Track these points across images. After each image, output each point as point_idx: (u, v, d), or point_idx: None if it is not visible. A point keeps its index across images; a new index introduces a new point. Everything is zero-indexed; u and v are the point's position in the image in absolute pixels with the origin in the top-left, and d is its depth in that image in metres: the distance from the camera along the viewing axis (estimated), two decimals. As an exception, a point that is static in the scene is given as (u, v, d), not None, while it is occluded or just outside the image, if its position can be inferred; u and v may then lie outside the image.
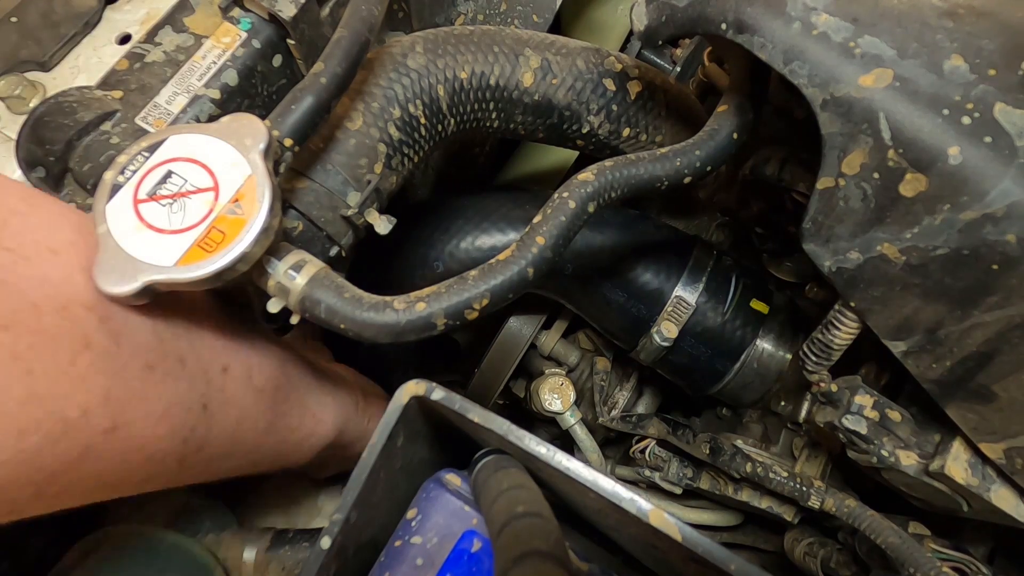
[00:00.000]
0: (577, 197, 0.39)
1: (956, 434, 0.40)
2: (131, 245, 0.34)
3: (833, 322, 0.41)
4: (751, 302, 0.59)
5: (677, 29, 0.38)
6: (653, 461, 0.62)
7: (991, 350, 0.35)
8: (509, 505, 0.34)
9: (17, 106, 0.46)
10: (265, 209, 0.36)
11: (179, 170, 0.36)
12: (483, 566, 0.38)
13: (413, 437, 0.39)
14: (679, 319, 0.57)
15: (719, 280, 0.58)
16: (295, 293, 0.37)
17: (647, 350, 0.58)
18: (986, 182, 0.32)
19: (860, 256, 0.37)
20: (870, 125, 0.34)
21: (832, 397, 0.44)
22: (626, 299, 0.58)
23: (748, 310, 0.59)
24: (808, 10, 0.34)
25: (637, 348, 0.60)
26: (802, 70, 0.34)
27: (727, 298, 0.58)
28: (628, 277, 0.58)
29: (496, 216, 0.57)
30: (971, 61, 0.32)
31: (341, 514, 0.36)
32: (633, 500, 0.34)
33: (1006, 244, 0.32)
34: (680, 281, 0.57)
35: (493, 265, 0.38)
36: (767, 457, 0.58)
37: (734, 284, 0.59)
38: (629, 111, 0.53)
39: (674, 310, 0.57)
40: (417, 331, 0.36)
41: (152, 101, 0.44)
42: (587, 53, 0.52)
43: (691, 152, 0.41)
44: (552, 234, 0.38)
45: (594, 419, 0.71)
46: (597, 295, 0.59)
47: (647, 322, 0.58)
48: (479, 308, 0.37)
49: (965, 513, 0.42)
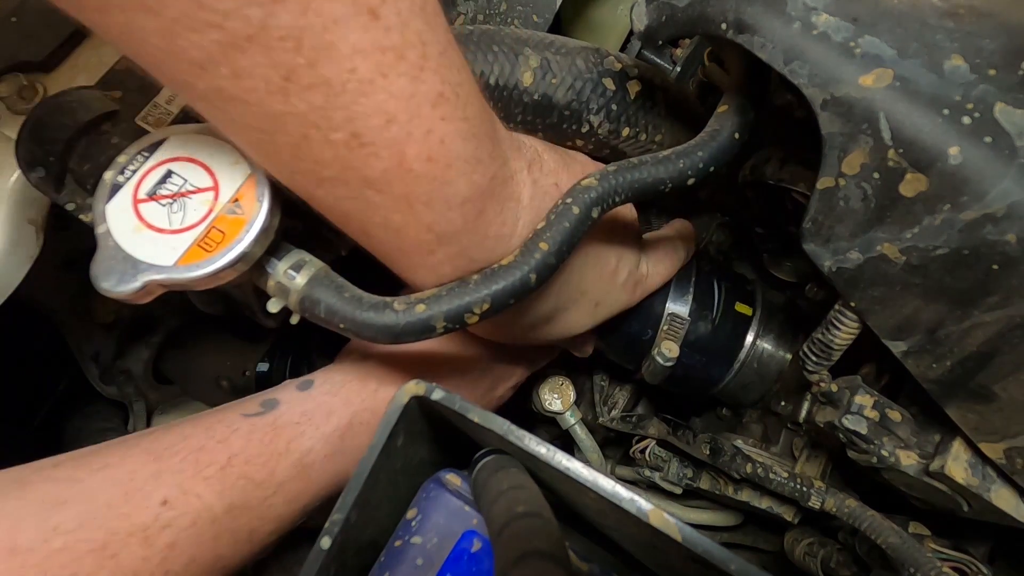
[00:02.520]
0: (581, 203, 0.39)
1: (956, 434, 0.40)
2: (131, 245, 0.34)
3: (833, 322, 0.41)
4: (735, 306, 0.59)
5: (677, 29, 0.38)
6: (653, 461, 0.62)
7: (991, 350, 0.35)
8: (509, 505, 0.34)
9: (17, 106, 0.46)
10: (265, 209, 0.36)
11: (179, 170, 0.36)
12: (483, 566, 0.38)
13: (413, 437, 0.39)
14: (677, 335, 0.56)
15: (703, 288, 0.59)
16: (295, 293, 0.37)
17: (651, 372, 0.58)
18: (986, 182, 0.32)
19: (860, 256, 0.37)
20: (870, 125, 0.34)
21: (832, 397, 0.44)
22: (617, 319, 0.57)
23: (734, 314, 0.59)
24: (808, 10, 0.34)
25: (642, 370, 0.59)
26: (802, 70, 0.34)
27: (713, 304, 0.58)
28: None
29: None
30: (971, 61, 0.32)
31: (341, 514, 0.35)
32: (633, 500, 0.34)
33: (1006, 244, 0.32)
34: (669, 296, 0.57)
35: (496, 270, 0.38)
36: (767, 457, 0.58)
37: (717, 290, 0.59)
38: (629, 111, 0.53)
39: (670, 328, 0.57)
40: (416, 333, 0.36)
41: (152, 101, 0.44)
42: (587, 53, 0.52)
43: (694, 153, 0.41)
44: (556, 240, 0.38)
45: (594, 419, 0.71)
46: None
47: (640, 338, 0.58)
48: (479, 313, 0.37)
49: (965, 513, 0.42)
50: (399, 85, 0.29)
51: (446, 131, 0.32)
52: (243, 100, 0.28)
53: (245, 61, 0.26)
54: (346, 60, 0.28)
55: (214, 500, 0.39)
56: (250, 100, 0.28)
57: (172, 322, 0.71)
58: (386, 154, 0.31)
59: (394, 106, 0.30)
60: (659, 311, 0.57)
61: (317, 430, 0.44)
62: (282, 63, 0.27)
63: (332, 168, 0.31)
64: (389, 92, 0.29)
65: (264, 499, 0.41)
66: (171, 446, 0.40)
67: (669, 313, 0.57)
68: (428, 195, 0.33)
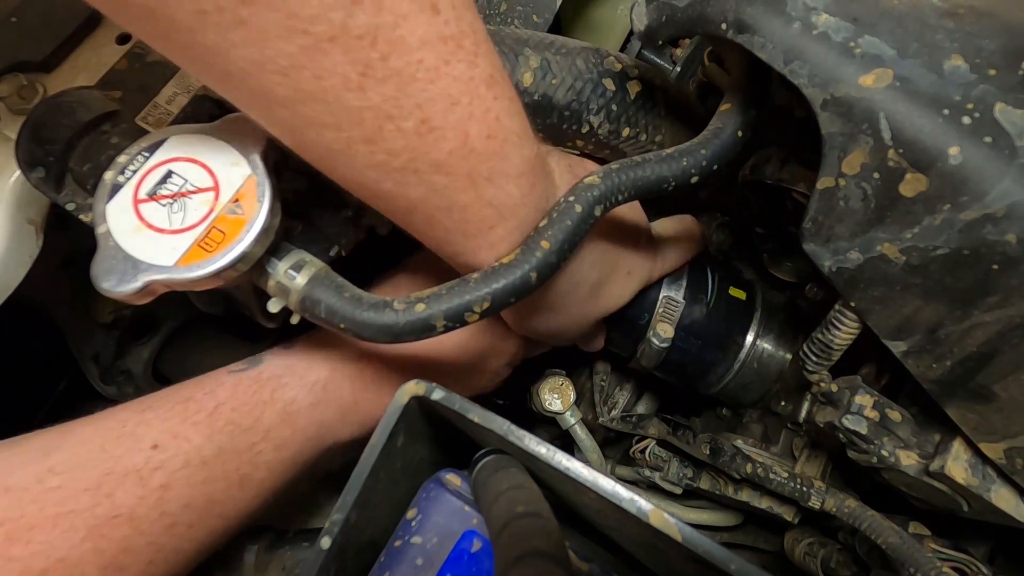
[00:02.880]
0: (583, 201, 0.39)
1: (956, 434, 0.40)
2: (131, 245, 0.34)
3: (833, 322, 0.41)
4: (729, 290, 0.61)
5: (677, 29, 0.38)
6: (653, 461, 0.62)
7: (991, 350, 0.35)
8: (509, 505, 0.34)
9: (17, 106, 0.46)
10: (265, 209, 0.36)
11: (179, 170, 0.36)
12: (483, 566, 0.38)
13: (413, 437, 0.39)
14: (672, 318, 0.58)
15: (697, 273, 0.60)
16: (295, 293, 0.37)
17: (647, 355, 0.59)
18: (986, 182, 0.32)
19: (860, 256, 0.37)
20: (870, 125, 0.34)
21: (832, 397, 0.44)
22: None
23: (728, 298, 0.61)
24: (808, 10, 0.34)
25: (637, 355, 0.60)
26: (802, 70, 0.34)
27: (707, 289, 0.60)
28: None
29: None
30: (971, 61, 0.32)
31: (341, 514, 0.36)
32: (633, 500, 0.34)
33: (1006, 244, 0.32)
34: (664, 281, 0.59)
35: (496, 268, 0.37)
36: (767, 457, 0.58)
37: (711, 275, 0.61)
38: (629, 111, 0.53)
39: (665, 311, 0.58)
40: (416, 332, 0.36)
41: (152, 101, 0.44)
42: (587, 53, 0.52)
43: (697, 151, 0.41)
44: (557, 239, 0.38)
45: (594, 419, 0.71)
46: None
47: (636, 322, 0.59)
48: (480, 311, 0.37)
49: (965, 513, 0.42)
50: (459, 70, 0.32)
51: (500, 109, 0.35)
52: (322, 99, 0.30)
53: (328, 61, 0.29)
54: (415, 52, 0.30)
55: (203, 443, 0.40)
56: (328, 98, 0.30)
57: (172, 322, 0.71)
58: (452, 135, 0.33)
59: (457, 89, 0.32)
60: (654, 296, 0.58)
61: (300, 380, 0.46)
62: (360, 60, 0.29)
63: (403, 156, 0.33)
64: (452, 77, 0.32)
65: (252, 444, 0.42)
66: (160, 398, 0.42)
67: (664, 296, 0.58)
68: (489, 171, 0.36)
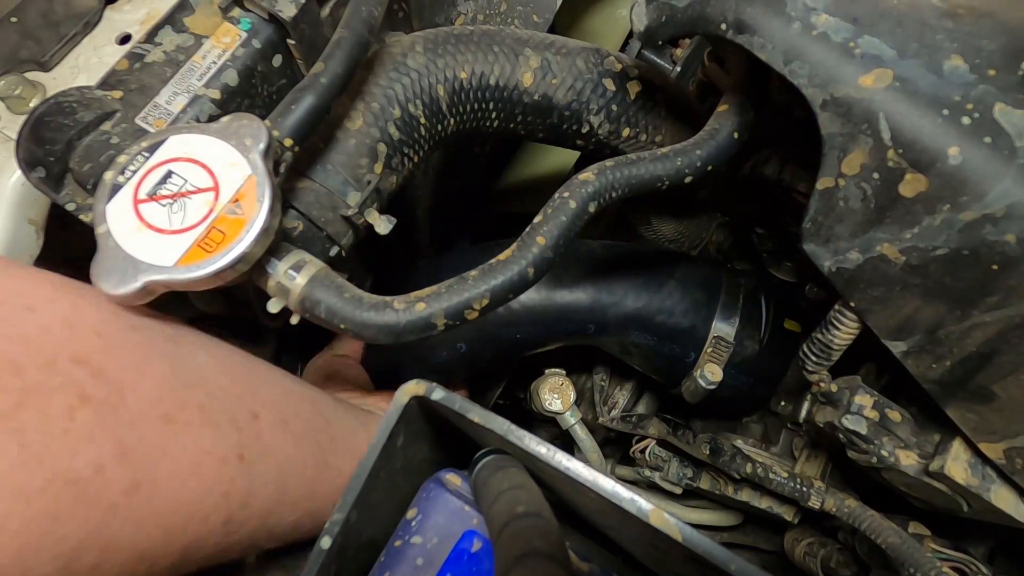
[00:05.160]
0: (578, 197, 0.39)
1: (956, 434, 0.40)
2: (131, 245, 0.34)
3: (833, 322, 0.41)
4: (784, 323, 0.57)
5: (677, 29, 0.38)
6: (653, 461, 0.62)
7: (991, 350, 0.35)
8: (509, 505, 0.34)
9: (17, 106, 0.46)
10: (265, 209, 0.36)
11: (179, 170, 0.36)
12: (483, 566, 0.38)
13: (413, 437, 0.39)
14: (721, 358, 0.54)
15: (751, 307, 0.56)
16: (295, 293, 0.37)
17: (690, 392, 0.56)
18: (986, 182, 0.32)
19: (860, 256, 0.37)
20: (870, 125, 0.34)
21: (832, 397, 0.44)
22: (656, 342, 0.56)
23: (782, 332, 0.56)
24: (808, 10, 0.34)
25: (680, 388, 0.58)
26: (802, 70, 0.34)
27: (761, 324, 0.55)
28: (655, 322, 0.55)
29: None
30: (971, 61, 0.32)
31: (341, 514, 0.36)
32: (633, 500, 0.34)
33: (1006, 244, 0.32)
34: (716, 317, 0.55)
35: (494, 265, 0.38)
36: (767, 457, 0.58)
37: (765, 308, 0.56)
38: (629, 111, 0.53)
39: (714, 351, 0.54)
40: (417, 331, 0.36)
41: (152, 101, 0.44)
42: (587, 53, 0.52)
43: (692, 151, 0.41)
44: (553, 234, 0.38)
45: (594, 419, 0.71)
46: (626, 343, 0.57)
47: (682, 360, 0.55)
48: (479, 308, 0.37)
49: (965, 513, 0.42)
50: None
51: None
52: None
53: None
54: None
55: None
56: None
57: (172, 322, 0.71)
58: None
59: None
60: (703, 334, 0.55)
61: None
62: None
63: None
64: None
65: None
66: None
67: (715, 336, 0.54)
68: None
